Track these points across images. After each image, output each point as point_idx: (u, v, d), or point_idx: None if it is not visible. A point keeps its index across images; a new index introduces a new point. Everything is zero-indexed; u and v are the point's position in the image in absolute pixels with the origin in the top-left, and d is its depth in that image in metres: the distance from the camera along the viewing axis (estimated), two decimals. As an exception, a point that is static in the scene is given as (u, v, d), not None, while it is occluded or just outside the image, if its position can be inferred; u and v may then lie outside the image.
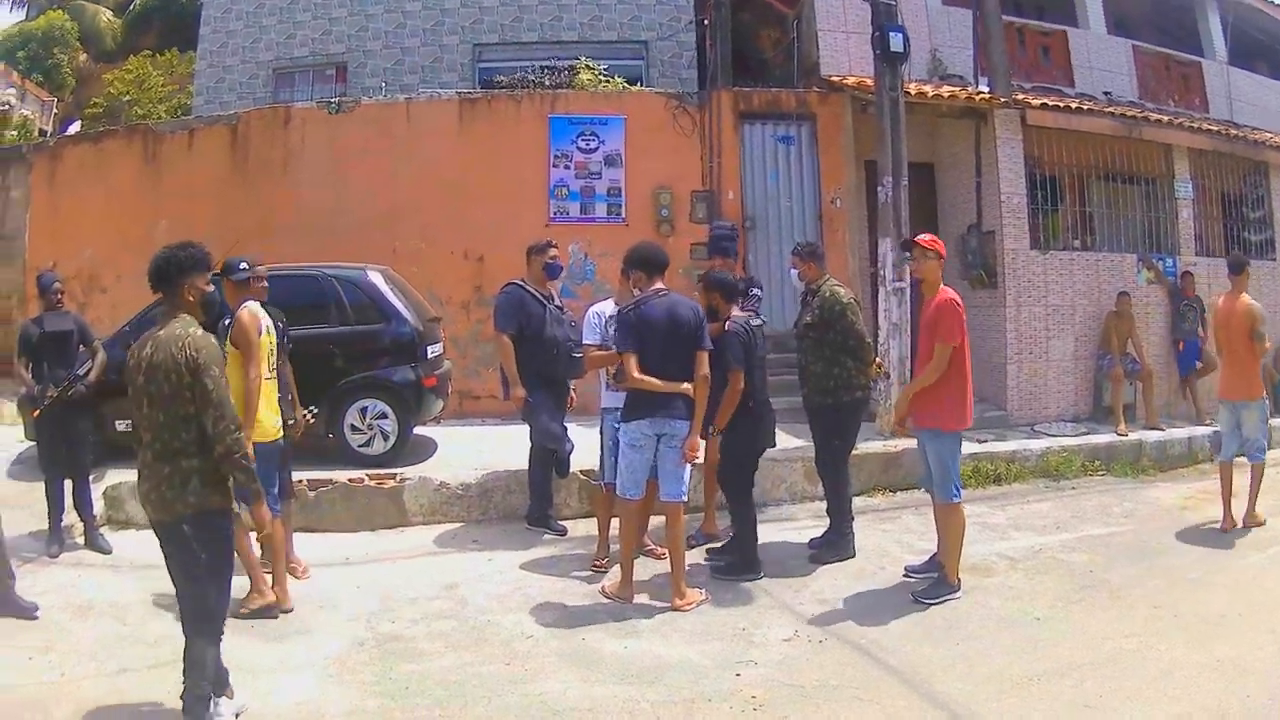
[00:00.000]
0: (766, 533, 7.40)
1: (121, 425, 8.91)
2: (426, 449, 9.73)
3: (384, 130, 12.76)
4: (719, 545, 7.47)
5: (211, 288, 4.84)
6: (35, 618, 6.31)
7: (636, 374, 6.19)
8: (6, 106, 21.38)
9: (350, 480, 8.42)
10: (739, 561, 6.99)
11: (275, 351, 6.53)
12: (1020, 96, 12.27)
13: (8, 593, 6.43)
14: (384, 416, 9.18)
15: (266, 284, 6.66)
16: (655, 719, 4.80)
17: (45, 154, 13.93)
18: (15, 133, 20.38)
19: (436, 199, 12.38)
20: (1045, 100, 12.43)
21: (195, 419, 4.40)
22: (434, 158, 12.51)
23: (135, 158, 13.24)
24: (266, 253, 7.35)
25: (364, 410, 9.15)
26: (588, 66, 14.62)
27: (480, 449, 9.67)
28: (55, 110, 24.85)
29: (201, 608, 4.61)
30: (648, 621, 6.12)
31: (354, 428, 9.17)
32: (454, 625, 6.14)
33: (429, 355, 9.47)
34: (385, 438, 9.19)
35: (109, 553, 7.71)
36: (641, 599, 6.45)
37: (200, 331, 4.50)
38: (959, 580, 6.52)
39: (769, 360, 7.94)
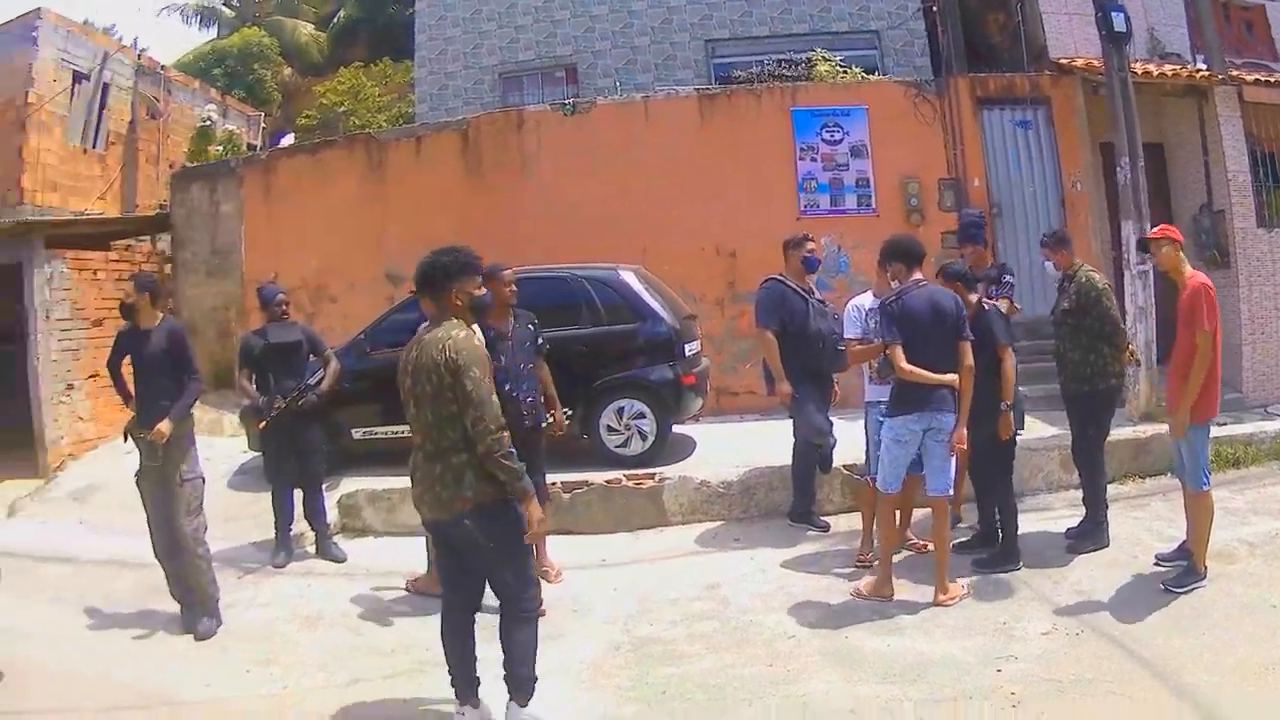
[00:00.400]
0: (1024, 523, 7.78)
1: (358, 434, 10.11)
2: (685, 448, 10.40)
3: (623, 130, 13.80)
4: (964, 540, 7.92)
5: (482, 291, 5.29)
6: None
7: (905, 366, 6.65)
8: (208, 122, 23.36)
9: (608, 481, 9.16)
10: (1000, 553, 7.44)
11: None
12: (1234, 73, 12.95)
13: (212, 604, 7.27)
14: (642, 416, 9.95)
15: (514, 288, 7.31)
16: (917, 718, 5.17)
17: (257, 167, 15.41)
18: (220, 148, 22.21)
19: (683, 196, 13.30)
20: (1257, 76, 13.18)
21: (460, 418, 4.90)
22: (677, 155, 13.47)
23: (358, 167, 14.59)
24: (508, 257, 7.80)
25: (620, 410, 9.91)
26: (824, 58, 15.60)
27: (740, 446, 10.28)
28: (263, 125, 26.95)
29: (504, 594, 5.22)
30: (910, 618, 6.55)
31: (610, 428, 9.94)
32: (715, 626, 6.62)
33: (687, 353, 10.17)
34: (643, 437, 9.95)
35: (343, 560, 8.72)
36: (903, 595, 6.88)
37: (463, 334, 4.99)
38: (1205, 568, 6.83)
39: (1021, 348, 8.47)
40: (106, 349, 12.90)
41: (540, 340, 7.62)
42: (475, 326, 5.38)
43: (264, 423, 8.57)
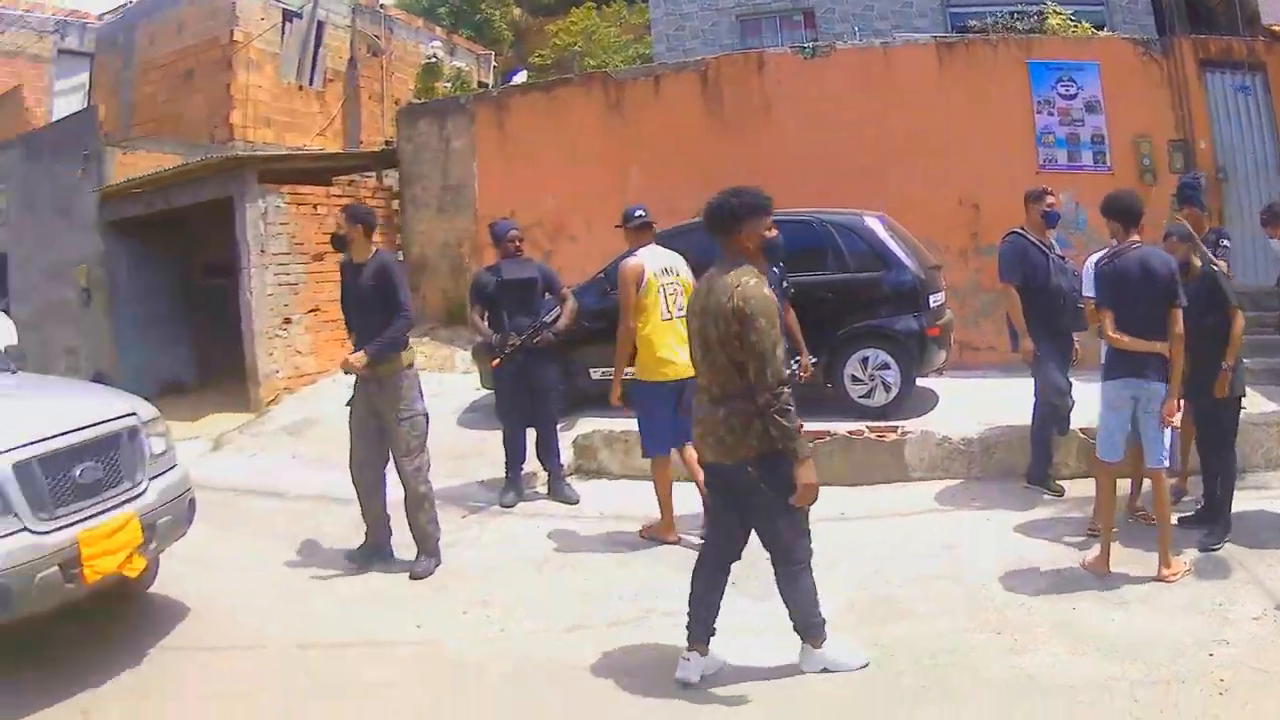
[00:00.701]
0: (1242, 501, 7.73)
1: (596, 374, 10.52)
2: (927, 401, 10.66)
3: (862, 76, 14.07)
4: (1187, 515, 7.77)
5: (774, 232, 5.42)
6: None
7: (1112, 332, 6.77)
8: (434, 59, 24.41)
9: (850, 433, 9.39)
10: (1219, 527, 7.35)
11: (671, 295, 7.73)
12: None
13: (431, 544, 7.71)
14: (886, 367, 10.21)
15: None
16: (1132, 699, 5.18)
17: (489, 104, 16.20)
18: (448, 85, 23.28)
19: (925, 145, 13.52)
20: None
21: (745, 366, 5.05)
22: (917, 103, 13.71)
23: (596, 105, 15.24)
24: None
25: (865, 360, 10.16)
26: (1055, 11, 15.77)
27: (980, 402, 10.46)
28: (494, 64, 28.03)
29: (777, 543, 5.43)
30: (1136, 590, 6.57)
31: (854, 378, 10.19)
32: (949, 587, 6.79)
33: (931, 304, 10.40)
34: (887, 389, 10.23)
35: (575, 502, 9.13)
36: (1130, 567, 6.89)
37: (754, 281, 5.11)
38: None
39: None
40: (327, 283, 14.16)
41: (785, 284, 7.93)
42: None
43: (498, 360, 8.94)
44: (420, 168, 16.65)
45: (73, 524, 5.72)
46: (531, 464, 9.46)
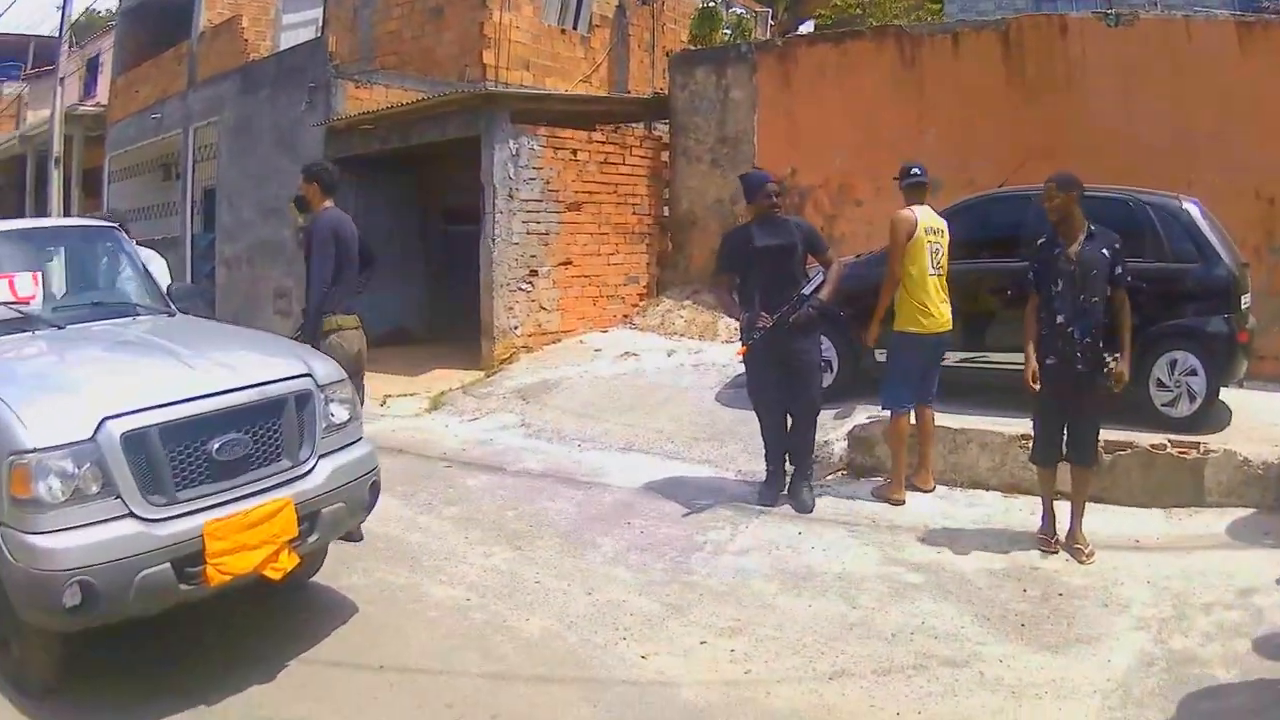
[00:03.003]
0: None
1: (880, 355, 9.55)
2: (1220, 416, 9.68)
3: (1164, 49, 13.20)
4: None
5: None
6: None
7: None
8: (712, 3, 23.96)
9: (1152, 446, 8.54)
10: None
11: (935, 252, 8.04)
12: None
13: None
14: (1193, 373, 9.31)
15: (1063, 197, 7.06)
16: None
17: (773, 54, 15.72)
18: (728, 32, 22.91)
19: (1222, 130, 12.69)
20: None
21: None
22: (1216, 84, 12.86)
23: (888, 61, 14.65)
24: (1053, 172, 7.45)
25: (1173, 364, 9.35)
26: None
27: (1275, 420, 9.61)
28: (772, 22, 27.49)
29: None
30: None
31: (1160, 383, 9.42)
32: (1247, 648, 5.89)
33: (1242, 305, 9.63)
34: (1192, 398, 9.30)
35: (808, 511, 8.10)
36: None
37: None
38: None
39: None
40: (583, 235, 14.25)
41: (1120, 269, 7.07)
42: None
43: (745, 345, 8.05)
44: (694, 118, 16.29)
45: (200, 510, 4.89)
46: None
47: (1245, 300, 9.63)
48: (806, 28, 22.58)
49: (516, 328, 13.61)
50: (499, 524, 7.81)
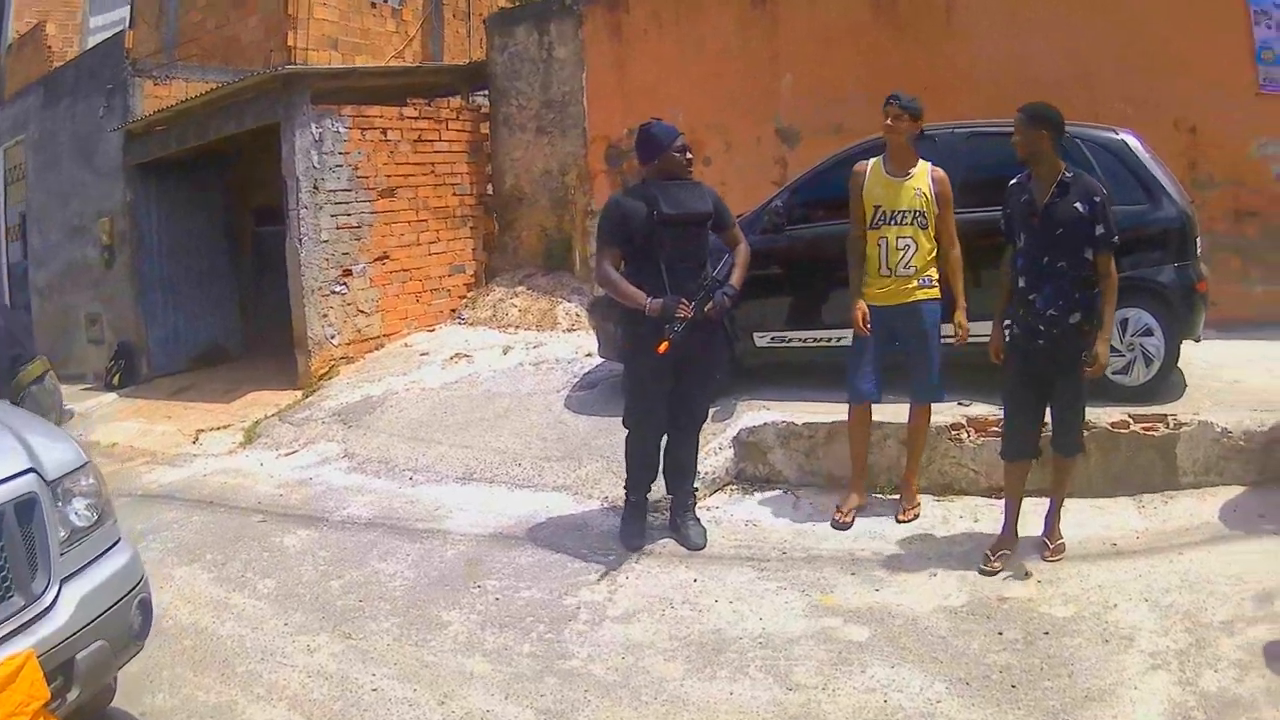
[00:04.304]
0: None
1: (763, 340, 8.83)
2: (1173, 379, 8.81)
3: None
4: None
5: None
6: None
7: None
8: None
9: (1112, 425, 7.68)
10: None
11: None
12: None
13: None
14: (1149, 333, 8.42)
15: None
16: None
17: (600, 4, 14.56)
18: None
19: (1134, 60, 11.95)
20: None
21: None
22: (1125, 11, 12.06)
23: (736, 3, 13.47)
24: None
25: (1124, 324, 8.37)
26: None
27: (1233, 376, 8.76)
28: None
29: None
30: None
31: (1112, 348, 8.26)
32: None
33: (1197, 250, 8.75)
34: (1148, 362, 8.41)
35: (699, 547, 6.78)
36: None
37: None
38: None
39: None
40: (399, 224, 13.72)
41: (1103, 229, 6.03)
42: None
43: (666, 341, 6.28)
44: (516, 83, 15.22)
45: None
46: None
47: (1199, 244, 8.73)
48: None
49: (333, 337, 12.48)
50: (323, 600, 6.44)
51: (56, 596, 4.03)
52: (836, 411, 7.37)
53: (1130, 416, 7.68)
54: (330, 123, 12.57)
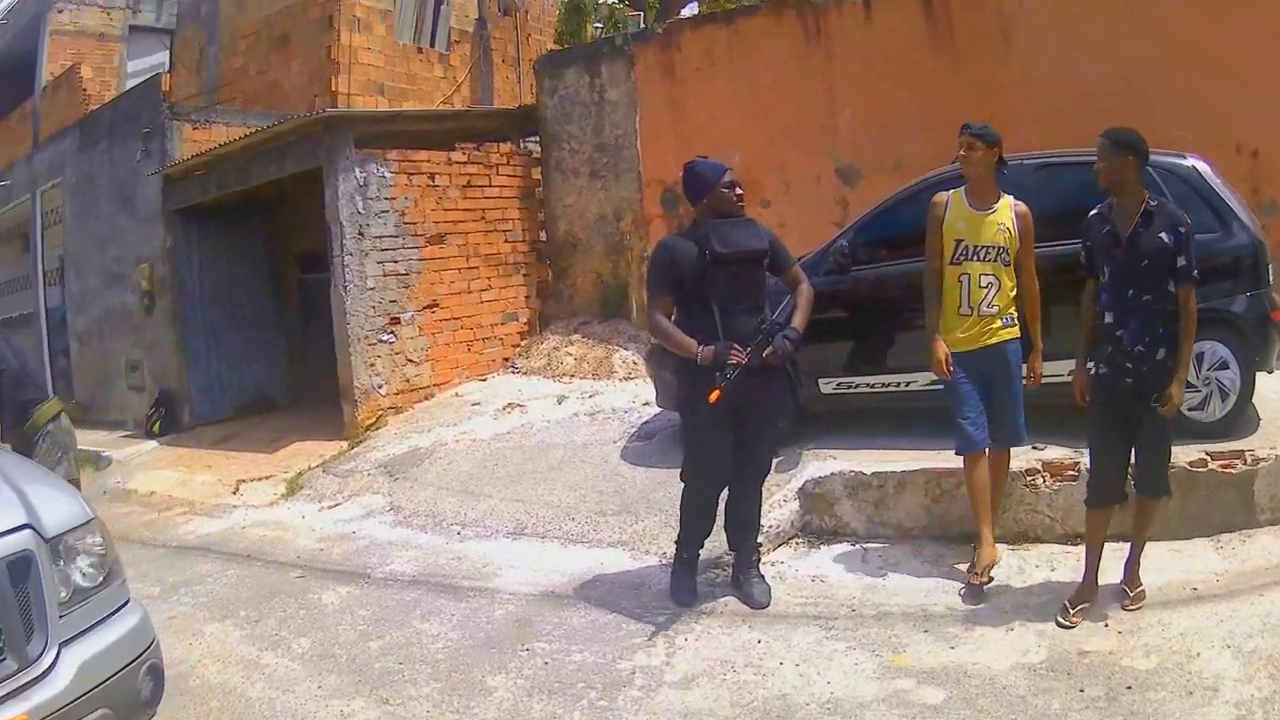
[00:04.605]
0: None
1: (828, 386, 8.52)
2: (1248, 413, 8.46)
3: None
4: None
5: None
6: None
7: None
8: None
9: (1190, 464, 7.37)
10: None
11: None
12: None
13: None
14: (1224, 366, 8.14)
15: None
16: None
17: (652, 44, 14.38)
18: (599, 26, 21.86)
19: (1193, 81, 11.53)
20: None
21: None
22: (1182, 31, 11.67)
23: (789, 37, 13.28)
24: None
25: (1199, 358, 8.03)
26: None
27: None
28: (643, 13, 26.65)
29: None
30: None
31: (1187, 383, 8.15)
32: None
33: (1270, 278, 8.41)
34: (1224, 397, 8.11)
35: (764, 605, 6.42)
36: None
37: None
38: None
39: None
40: (449, 271, 13.42)
41: (1184, 260, 5.74)
42: None
43: (717, 389, 5.90)
44: (567, 126, 14.91)
45: None
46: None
47: (1270, 271, 8.37)
48: (691, 9, 21.26)
49: (381, 387, 12.21)
50: (360, 662, 6.09)
51: (55, 660, 3.76)
52: (906, 459, 7.26)
53: (1208, 454, 7.35)
54: (375, 167, 12.36)
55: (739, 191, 6.38)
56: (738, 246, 6.15)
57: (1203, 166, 8.46)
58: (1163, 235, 5.65)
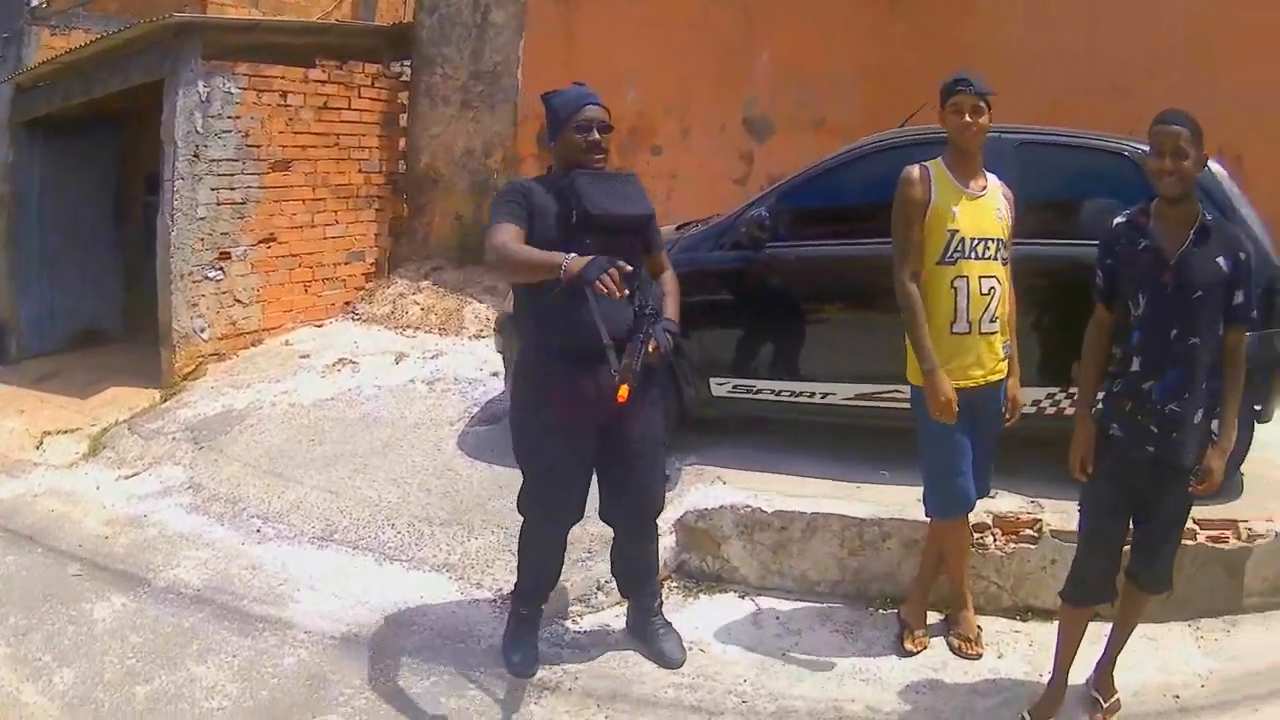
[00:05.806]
0: None
1: (721, 387, 7.23)
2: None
3: None
4: None
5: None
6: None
7: None
8: None
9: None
10: None
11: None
12: None
13: None
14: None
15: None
16: None
17: None
18: None
19: (1176, 63, 10.54)
20: None
21: None
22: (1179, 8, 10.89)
23: None
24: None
25: None
26: None
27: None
28: None
29: None
30: None
31: None
32: None
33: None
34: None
35: (678, 665, 5.44)
36: None
37: None
38: None
39: None
40: (290, 202, 12.28)
41: (1242, 296, 4.42)
42: None
43: (625, 382, 4.35)
44: (444, 49, 13.64)
45: None
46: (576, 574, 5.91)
47: None
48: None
49: (204, 330, 11.11)
50: (123, 714, 4.91)
51: None
52: (815, 491, 6.14)
53: (1196, 523, 6.29)
54: (221, 81, 11.17)
55: (595, 137, 4.71)
56: (615, 211, 4.65)
57: (1217, 168, 7.10)
58: (1220, 260, 4.31)
